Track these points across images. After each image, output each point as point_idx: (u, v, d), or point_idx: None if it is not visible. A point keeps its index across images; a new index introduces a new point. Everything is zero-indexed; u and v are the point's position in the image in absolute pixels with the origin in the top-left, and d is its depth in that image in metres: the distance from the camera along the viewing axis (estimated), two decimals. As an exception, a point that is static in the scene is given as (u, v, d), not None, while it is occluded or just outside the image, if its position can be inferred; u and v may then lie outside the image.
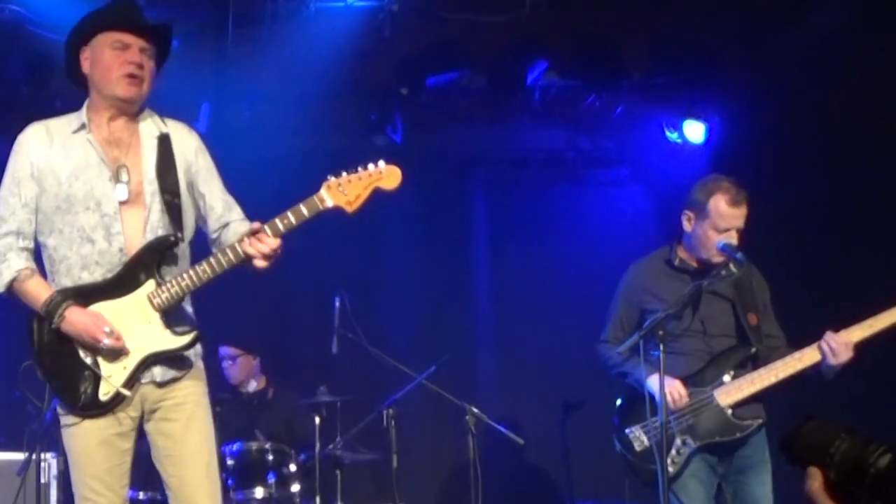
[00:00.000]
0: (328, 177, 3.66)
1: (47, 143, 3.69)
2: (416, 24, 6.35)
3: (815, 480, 5.79)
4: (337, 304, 6.11)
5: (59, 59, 6.42)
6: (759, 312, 4.79)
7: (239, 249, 3.60)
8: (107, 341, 3.53)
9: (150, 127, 3.79)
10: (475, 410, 5.82)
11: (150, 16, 6.19)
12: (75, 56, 3.77)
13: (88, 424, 3.60)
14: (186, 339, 3.64)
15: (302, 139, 7.25)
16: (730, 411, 4.68)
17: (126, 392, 3.57)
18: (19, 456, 5.84)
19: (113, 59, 3.67)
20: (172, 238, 3.66)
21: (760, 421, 4.71)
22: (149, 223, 3.66)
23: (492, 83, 6.93)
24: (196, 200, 3.80)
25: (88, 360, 3.58)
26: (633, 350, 4.61)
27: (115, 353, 3.57)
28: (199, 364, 3.76)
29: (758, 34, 6.48)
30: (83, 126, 3.71)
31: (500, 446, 6.38)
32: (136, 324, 3.59)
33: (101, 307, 3.59)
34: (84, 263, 3.62)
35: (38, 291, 3.60)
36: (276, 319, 7.44)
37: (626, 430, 4.78)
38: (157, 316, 3.61)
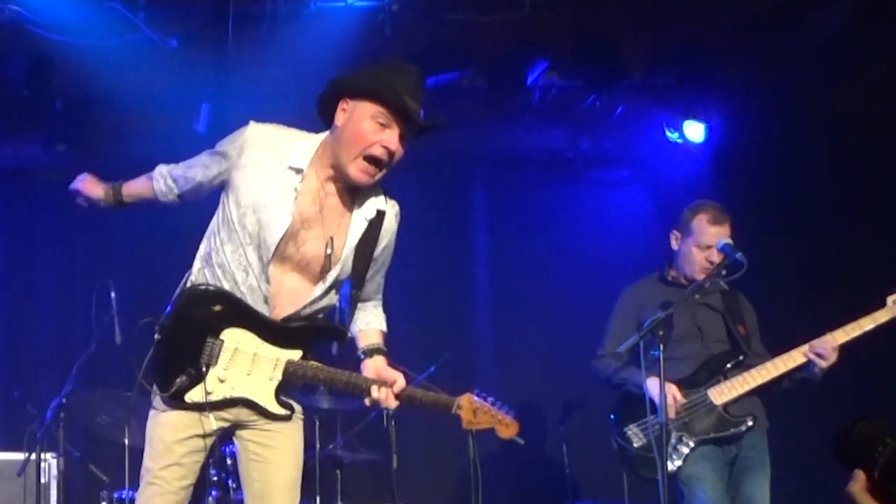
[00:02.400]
0: (474, 389, 3.81)
1: (265, 156, 3.56)
2: (416, 24, 6.33)
3: (858, 482, 5.84)
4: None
5: (59, 59, 6.48)
6: (747, 327, 5.05)
7: (364, 384, 3.66)
8: None
9: (369, 205, 3.64)
10: (475, 410, 5.81)
11: (150, 16, 6.24)
12: (335, 98, 3.59)
13: (177, 419, 3.56)
14: (283, 411, 3.64)
15: (302, 139, 7.22)
16: (723, 409, 4.89)
17: (209, 415, 3.55)
18: (19, 456, 5.85)
19: (370, 133, 3.48)
20: (343, 335, 3.72)
21: (751, 423, 4.90)
22: (312, 293, 3.62)
23: (492, 83, 6.91)
24: None
25: (202, 365, 3.54)
26: (632, 352, 4.74)
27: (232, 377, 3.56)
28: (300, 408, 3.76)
29: (758, 34, 6.48)
30: (300, 171, 3.53)
31: (500, 446, 6.36)
32: (260, 372, 3.57)
33: (244, 335, 3.56)
34: (237, 286, 3.57)
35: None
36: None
37: (624, 429, 4.99)
38: (279, 380, 3.60)
